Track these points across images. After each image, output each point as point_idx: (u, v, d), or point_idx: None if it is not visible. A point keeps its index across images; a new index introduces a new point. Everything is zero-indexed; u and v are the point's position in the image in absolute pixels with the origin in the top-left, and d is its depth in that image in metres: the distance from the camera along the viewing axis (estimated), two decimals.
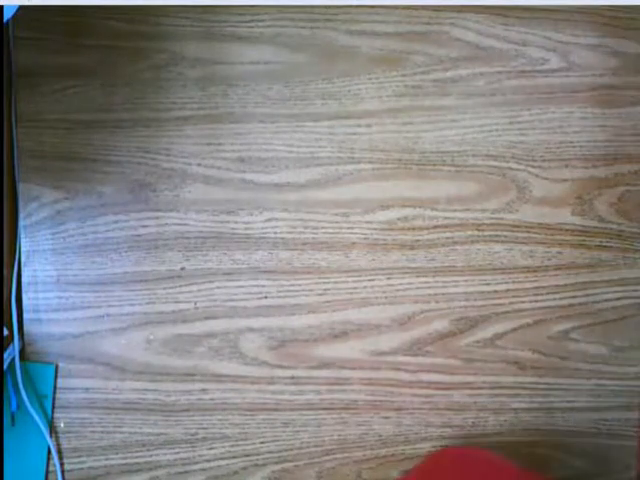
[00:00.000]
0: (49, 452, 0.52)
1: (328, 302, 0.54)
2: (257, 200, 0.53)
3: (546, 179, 0.55)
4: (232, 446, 0.54)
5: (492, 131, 0.54)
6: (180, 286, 0.53)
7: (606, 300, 0.56)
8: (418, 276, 0.54)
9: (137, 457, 0.54)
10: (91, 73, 0.51)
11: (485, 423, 0.56)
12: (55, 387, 0.52)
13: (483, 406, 0.55)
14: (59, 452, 0.53)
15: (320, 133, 0.53)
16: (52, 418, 0.53)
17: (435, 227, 0.54)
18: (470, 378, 0.55)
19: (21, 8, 0.39)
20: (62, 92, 0.51)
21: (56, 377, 0.52)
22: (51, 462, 0.53)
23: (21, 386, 0.51)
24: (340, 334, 0.54)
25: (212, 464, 0.53)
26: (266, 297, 0.54)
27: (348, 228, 0.54)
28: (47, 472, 0.52)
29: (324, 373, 0.55)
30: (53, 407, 0.53)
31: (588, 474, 0.56)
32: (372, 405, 0.55)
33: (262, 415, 0.54)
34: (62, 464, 0.53)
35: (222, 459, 0.54)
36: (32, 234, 0.52)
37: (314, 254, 0.54)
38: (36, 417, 0.51)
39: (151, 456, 0.54)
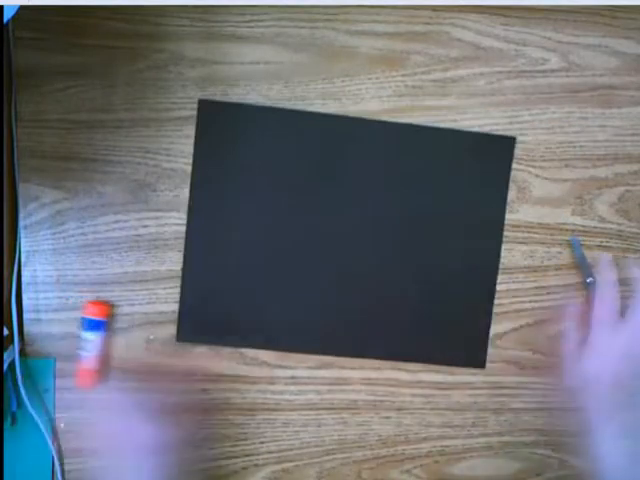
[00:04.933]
0: (51, 452, 0.52)
1: None
2: None
3: (546, 179, 0.55)
4: (232, 446, 0.54)
5: (492, 131, 0.54)
6: (180, 286, 0.53)
7: None
8: None
9: None
10: (91, 73, 0.51)
11: (485, 423, 0.56)
12: (55, 383, 0.52)
13: (483, 406, 0.55)
14: (59, 452, 0.53)
15: None
16: (53, 416, 0.53)
17: None
18: (470, 378, 0.55)
19: (21, 8, 0.39)
20: (62, 92, 0.51)
21: (54, 375, 0.52)
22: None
23: (21, 385, 0.51)
24: None
25: (212, 464, 0.53)
26: None
27: None
28: (49, 472, 0.52)
29: (324, 373, 0.55)
30: (54, 405, 0.53)
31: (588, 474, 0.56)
32: (372, 405, 0.55)
33: (262, 415, 0.54)
34: (62, 464, 0.53)
35: (222, 459, 0.54)
36: (32, 234, 0.52)
37: None
38: (37, 417, 0.51)
39: None
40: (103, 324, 0.51)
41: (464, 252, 0.54)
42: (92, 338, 0.51)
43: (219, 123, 0.52)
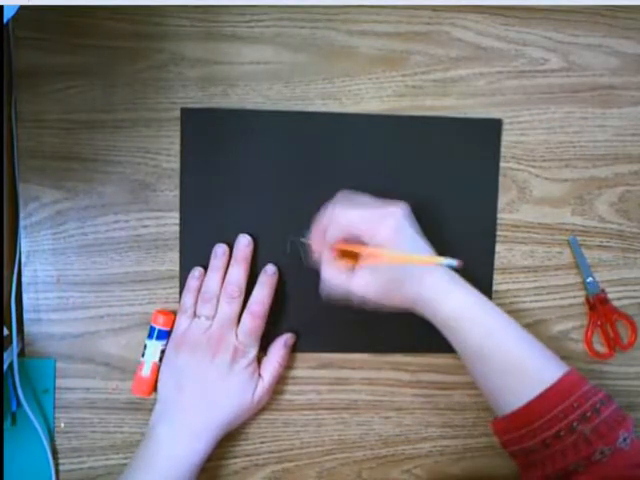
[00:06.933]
0: (51, 452, 0.52)
1: None
2: None
3: (546, 179, 0.55)
4: (232, 446, 0.54)
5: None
6: (179, 286, 0.53)
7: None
8: None
9: None
10: (91, 73, 0.51)
11: (485, 423, 0.56)
12: (55, 383, 0.52)
13: (483, 406, 0.55)
14: (59, 452, 0.53)
15: None
16: (53, 416, 0.53)
17: None
18: (470, 378, 0.55)
19: (21, 8, 0.39)
20: (62, 92, 0.51)
21: (54, 375, 0.52)
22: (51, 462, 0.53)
23: (21, 386, 0.51)
24: None
25: (212, 464, 0.53)
26: None
27: None
28: (50, 472, 0.52)
29: (324, 373, 0.55)
30: (54, 405, 0.53)
31: None
32: (372, 405, 0.55)
33: (262, 415, 0.54)
34: (62, 464, 0.53)
35: (222, 459, 0.54)
36: (32, 234, 0.52)
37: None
38: (37, 416, 0.51)
39: None
40: (167, 333, 0.51)
41: (461, 244, 0.54)
42: (156, 347, 0.51)
43: (203, 130, 0.52)
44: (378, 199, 0.47)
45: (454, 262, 0.44)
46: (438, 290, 0.46)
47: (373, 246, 0.45)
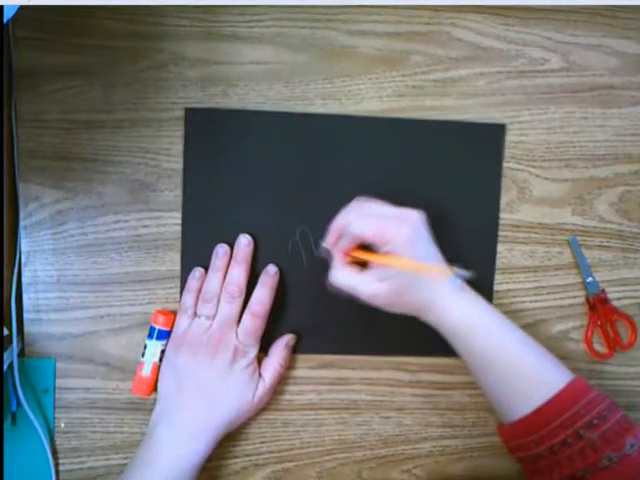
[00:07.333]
0: (51, 452, 0.52)
1: None
2: None
3: (546, 179, 0.55)
4: (232, 446, 0.54)
5: None
6: (180, 286, 0.53)
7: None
8: None
9: None
10: (91, 73, 0.51)
11: (485, 423, 0.56)
12: (55, 383, 0.52)
13: (483, 406, 0.55)
14: (59, 452, 0.53)
15: None
16: (53, 416, 0.53)
17: None
18: (470, 378, 0.55)
19: (21, 8, 0.39)
20: (62, 92, 0.51)
21: (54, 375, 0.52)
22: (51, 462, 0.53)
23: (21, 386, 0.51)
24: None
25: (212, 464, 0.53)
26: None
27: None
28: (50, 472, 0.52)
29: (324, 373, 0.55)
30: (54, 405, 0.53)
31: None
32: (372, 405, 0.55)
33: (262, 415, 0.54)
34: (62, 464, 0.53)
35: (222, 459, 0.54)
36: (32, 234, 0.52)
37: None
38: (37, 416, 0.51)
39: None
40: (167, 333, 0.51)
41: (463, 245, 0.54)
42: (156, 347, 0.51)
43: (207, 130, 0.52)
44: (393, 205, 0.47)
45: (466, 274, 0.46)
46: (446, 298, 0.46)
47: (387, 252, 0.45)
